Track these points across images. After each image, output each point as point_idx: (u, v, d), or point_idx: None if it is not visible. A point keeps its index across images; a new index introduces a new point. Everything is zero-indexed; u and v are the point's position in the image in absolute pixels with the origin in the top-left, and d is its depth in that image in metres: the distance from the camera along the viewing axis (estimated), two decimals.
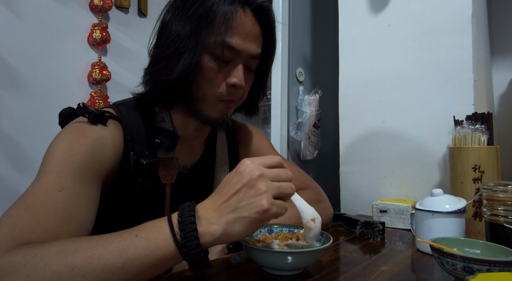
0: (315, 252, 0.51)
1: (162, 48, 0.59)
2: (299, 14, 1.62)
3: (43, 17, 1.52)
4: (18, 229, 0.42)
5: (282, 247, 0.55)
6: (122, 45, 1.78)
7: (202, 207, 0.45)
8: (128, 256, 0.40)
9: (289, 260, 0.49)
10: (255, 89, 0.70)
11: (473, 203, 0.75)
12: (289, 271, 0.52)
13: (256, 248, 0.50)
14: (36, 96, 1.49)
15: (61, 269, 0.37)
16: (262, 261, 0.52)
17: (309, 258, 0.51)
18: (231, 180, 0.45)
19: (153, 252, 0.41)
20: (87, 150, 0.51)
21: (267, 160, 0.46)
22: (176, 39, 0.57)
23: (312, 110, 1.57)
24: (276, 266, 0.51)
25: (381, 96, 1.06)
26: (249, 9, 0.60)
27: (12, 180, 1.38)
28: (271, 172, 0.45)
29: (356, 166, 1.11)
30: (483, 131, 0.78)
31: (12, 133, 1.42)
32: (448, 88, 0.93)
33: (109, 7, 1.68)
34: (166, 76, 0.57)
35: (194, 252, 0.41)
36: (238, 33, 0.58)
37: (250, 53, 0.60)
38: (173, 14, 0.60)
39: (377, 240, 0.74)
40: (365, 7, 1.11)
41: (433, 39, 0.96)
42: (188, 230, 0.41)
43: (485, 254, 0.52)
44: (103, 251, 0.39)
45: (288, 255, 0.49)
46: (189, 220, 0.42)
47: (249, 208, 0.42)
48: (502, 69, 1.24)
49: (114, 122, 0.59)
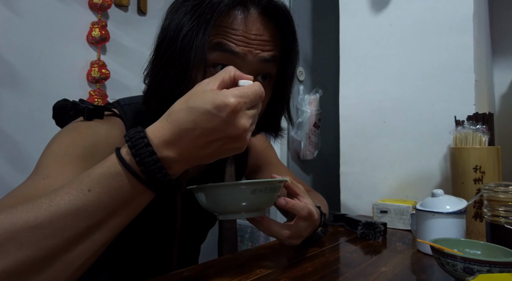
0: (270, 183, 0.48)
1: (155, 53, 0.52)
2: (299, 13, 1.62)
3: (41, 15, 1.51)
4: None
5: None
6: (121, 43, 1.77)
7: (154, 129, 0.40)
8: (89, 215, 0.35)
9: (246, 192, 0.46)
10: (275, 102, 0.58)
11: (473, 204, 0.74)
12: (243, 213, 0.49)
13: (210, 186, 0.47)
14: (34, 94, 1.48)
15: (9, 247, 0.33)
16: (215, 201, 0.48)
17: (266, 191, 0.48)
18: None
19: (107, 185, 0.36)
20: (80, 143, 0.48)
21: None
22: (166, 49, 0.50)
23: (313, 109, 1.56)
24: (232, 205, 0.48)
25: (382, 96, 1.06)
26: (255, 9, 0.51)
27: (10, 179, 1.37)
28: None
29: (356, 166, 1.11)
30: (484, 132, 0.78)
31: (9, 131, 1.41)
32: (449, 88, 0.93)
33: (108, 5, 1.68)
34: (161, 86, 0.50)
35: (148, 160, 0.36)
36: (236, 35, 0.49)
37: (257, 58, 0.50)
38: (170, 12, 0.54)
39: (377, 241, 0.74)
40: (366, 6, 1.11)
41: (434, 39, 0.96)
42: (136, 137, 0.37)
43: (486, 255, 0.52)
44: (48, 216, 0.34)
45: (245, 186, 0.46)
46: (139, 135, 0.38)
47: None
48: (504, 69, 1.23)
49: (117, 122, 0.55)
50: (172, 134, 0.38)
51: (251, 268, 0.55)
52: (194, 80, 0.48)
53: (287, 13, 0.53)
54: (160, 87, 0.51)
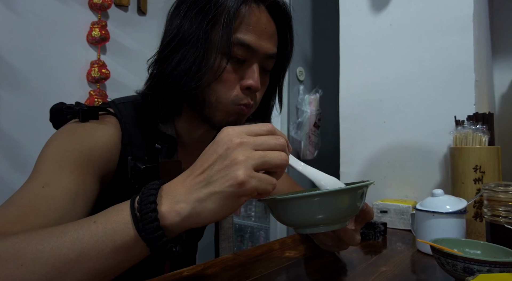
0: (361, 189, 0.41)
1: (166, 47, 0.54)
2: (299, 13, 1.62)
3: (42, 15, 1.51)
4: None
5: None
6: (121, 43, 1.77)
7: (171, 184, 0.38)
8: (82, 246, 0.34)
9: (339, 202, 0.39)
10: (269, 93, 0.64)
11: (473, 204, 0.74)
12: (335, 224, 0.42)
13: (292, 198, 0.40)
14: (34, 94, 1.48)
15: (10, 266, 0.33)
16: (305, 214, 0.40)
17: (355, 197, 0.41)
18: (207, 151, 0.38)
19: (110, 238, 0.35)
20: (75, 147, 0.49)
21: (253, 128, 0.38)
22: (182, 37, 0.53)
23: (313, 109, 1.56)
24: (325, 216, 0.40)
25: (382, 96, 1.06)
26: (263, 5, 0.56)
27: (10, 179, 1.37)
28: (255, 139, 0.36)
29: (356, 166, 1.11)
30: (484, 132, 0.78)
31: (10, 132, 1.41)
32: (449, 88, 0.93)
33: (108, 5, 1.68)
34: (172, 79, 0.53)
35: (153, 236, 0.35)
36: (253, 30, 0.54)
37: (266, 52, 0.56)
38: (179, 11, 0.56)
39: (378, 241, 0.74)
40: (366, 6, 1.11)
41: (434, 39, 0.96)
42: (146, 211, 0.35)
43: (486, 255, 0.52)
44: (56, 243, 0.34)
45: (339, 195, 0.39)
46: (148, 200, 0.36)
47: (222, 181, 0.35)
48: (504, 69, 1.23)
49: (112, 122, 0.56)
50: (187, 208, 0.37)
51: (251, 268, 0.55)
52: (213, 66, 0.53)
53: (288, 10, 0.59)
54: (176, 70, 0.53)
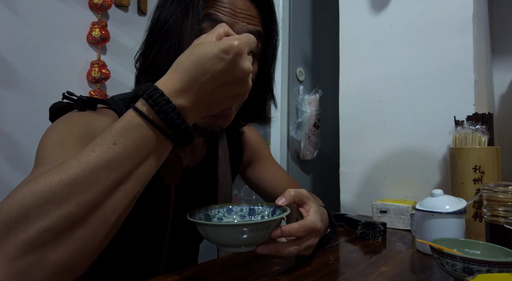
0: (264, 223, 0.48)
1: (147, 40, 0.55)
2: (299, 13, 1.62)
3: (42, 16, 1.51)
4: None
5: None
6: (121, 43, 1.77)
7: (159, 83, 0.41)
8: (119, 168, 0.37)
9: (239, 233, 0.47)
10: (261, 85, 0.60)
11: (473, 204, 0.74)
12: (242, 247, 0.50)
13: (205, 224, 0.49)
14: (34, 94, 1.48)
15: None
16: (213, 238, 0.50)
17: (258, 231, 0.48)
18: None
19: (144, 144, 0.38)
20: (75, 132, 0.49)
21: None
22: (160, 28, 0.53)
23: (312, 109, 1.56)
24: (227, 242, 0.49)
25: (382, 96, 1.06)
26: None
27: (11, 179, 1.38)
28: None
29: (356, 166, 1.11)
30: (484, 132, 0.78)
31: (10, 132, 1.41)
32: (448, 88, 0.93)
33: (108, 5, 1.68)
34: (151, 71, 0.53)
35: (166, 107, 0.38)
36: (226, 10, 0.53)
37: (241, 28, 0.53)
38: (161, 2, 0.56)
39: (377, 241, 0.74)
40: (366, 6, 1.11)
41: (434, 39, 0.96)
42: (150, 90, 0.39)
43: (485, 255, 0.52)
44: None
45: (239, 228, 0.47)
46: (151, 88, 0.39)
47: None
48: (503, 69, 1.23)
49: (111, 114, 0.56)
50: (183, 82, 0.40)
51: (251, 268, 0.55)
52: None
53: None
54: (155, 60, 0.53)
